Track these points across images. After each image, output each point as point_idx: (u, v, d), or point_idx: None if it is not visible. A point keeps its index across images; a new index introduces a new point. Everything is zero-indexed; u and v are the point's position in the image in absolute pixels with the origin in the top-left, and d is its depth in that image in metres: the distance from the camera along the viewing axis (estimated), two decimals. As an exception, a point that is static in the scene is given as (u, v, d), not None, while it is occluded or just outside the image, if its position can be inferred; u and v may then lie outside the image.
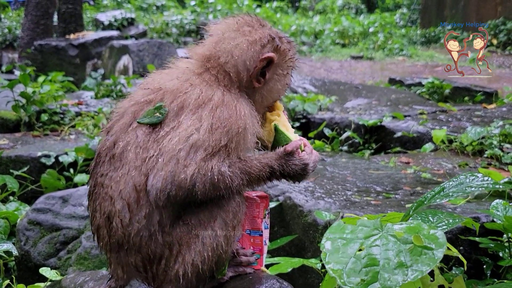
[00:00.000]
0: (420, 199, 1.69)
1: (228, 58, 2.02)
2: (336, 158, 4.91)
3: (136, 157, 1.87)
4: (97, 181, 1.95)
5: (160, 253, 1.90)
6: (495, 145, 4.87)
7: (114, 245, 1.93)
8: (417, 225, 1.39)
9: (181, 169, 1.81)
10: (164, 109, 1.90)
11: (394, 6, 31.85)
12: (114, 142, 1.93)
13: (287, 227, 3.44)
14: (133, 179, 1.85)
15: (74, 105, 6.75)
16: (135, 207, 1.86)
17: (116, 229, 1.89)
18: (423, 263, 1.26)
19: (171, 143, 1.84)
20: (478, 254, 2.78)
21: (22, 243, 3.32)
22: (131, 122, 1.94)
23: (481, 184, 1.65)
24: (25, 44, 13.96)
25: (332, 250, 1.39)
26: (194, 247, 1.91)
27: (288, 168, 1.99)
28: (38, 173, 4.59)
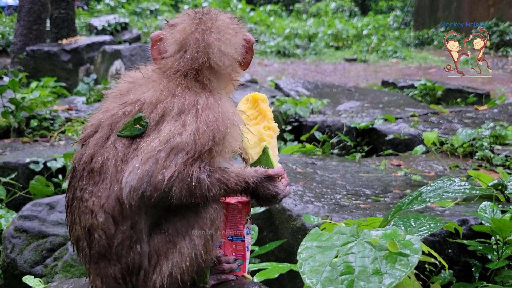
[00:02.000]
0: (398, 204, 1.67)
1: (212, 55, 1.97)
2: (326, 161, 4.89)
3: (116, 170, 1.82)
4: (76, 194, 1.90)
5: (139, 264, 1.87)
6: (485, 146, 4.87)
7: (94, 256, 1.90)
8: (393, 231, 1.37)
9: (160, 170, 1.76)
10: (144, 120, 1.85)
11: (387, 8, 31.90)
12: (91, 157, 1.87)
13: (276, 232, 3.42)
14: (116, 192, 1.81)
15: (64, 111, 6.72)
16: (120, 219, 1.83)
17: (99, 240, 1.85)
18: (398, 269, 1.24)
19: (150, 145, 1.79)
20: (466, 256, 2.77)
21: (8, 251, 3.29)
22: (108, 135, 1.88)
23: (458, 189, 1.63)
24: (17, 49, 13.90)
25: (307, 259, 1.36)
26: (172, 257, 1.87)
27: (260, 190, 1.98)
28: (27, 179, 4.55)
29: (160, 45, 2.05)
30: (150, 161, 1.76)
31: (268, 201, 2.02)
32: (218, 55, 1.99)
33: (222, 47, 1.99)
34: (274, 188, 2.00)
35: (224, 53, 2.00)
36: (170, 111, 1.85)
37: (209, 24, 2.01)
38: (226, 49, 2.00)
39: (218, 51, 1.98)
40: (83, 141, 1.94)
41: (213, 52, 1.98)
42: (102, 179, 1.84)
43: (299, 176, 4.11)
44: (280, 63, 17.84)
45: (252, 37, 2.10)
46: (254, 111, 2.27)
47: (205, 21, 2.02)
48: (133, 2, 26.00)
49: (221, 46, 1.99)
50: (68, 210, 1.97)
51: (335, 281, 1.26)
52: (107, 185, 1.83)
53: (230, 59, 2.02)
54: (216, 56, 1.98)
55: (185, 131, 1.81)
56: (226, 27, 2.04)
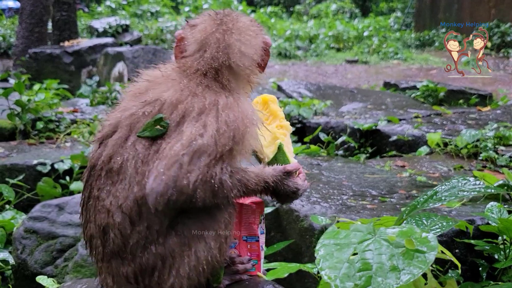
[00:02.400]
0: (413, 203, 1.70)
1: (232, 55, 1.99)
2: (331, 162, 4.92)
3: (136, 171, 1.82)
4: (92, 193, 1.91)
5: (153, 265, 1.87)
6: (490, 147, 4.90)
7: (107, 254, 1.91)
8: (410, 229, 1.40)
9: (184, 174, 1.76)
10: (165, 121, 1.85)
11: (388, 10, 31.96)
12: (110, 157, 1.87)
13: (284, 232, 3.44)
14: (134, 193, 1.82)
15: (69, 113, 6.75)
16: (137, 220, 1.83)
17: (114, 239, 1.86)
18: (415, 266, 1.27)
19: (173, 149, 1.79)
20: (473, 256, 2.80)
21: (19, 252, 3.32)
22: (127, 135, 1.88)
23: (473, 188, 1.66)
24: (19, 52, 13.94)
25: (326, 256, 1.39)
26: (188, 260, 1.88)
27: (281, 187, 1.98)
28: (34, 181, 4.58)
29: (181, 44, 2.06)
30: (175, 166, 1.76)
31: (289, 197, 2.04)
32: (238, 56, 2.00)
33: (242, 48, 2.01)
34: (294, 184, 2.01)
35: (244, 53, 2.02)
36: (190, 112, 1.86)
37: (230, 25, 2.03)
38: (246, 50, 2.03)
39: (238, 51, 2.00)
40: (101, 140, 1.94)
41: (233, 52, 2.00)
42: (120, 179, 1.85)
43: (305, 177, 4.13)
44: (281, 65, 17.88)
45: (270, 40, 2.13)
46: (265, 112, 2.29)
47: (226, 22, 2.04)
48: (134, 4, 26.06)
49: (241, 47, 2.01)
50: (83, 208, 1.98)
51: (353, 277, 1.29)
52: (126, 186, 1.83)
53: (249, 60, 2.04)
54: (236, 56, 2.00)
55: (206, 133, 1.81)
56: (246, 29, 2.06)
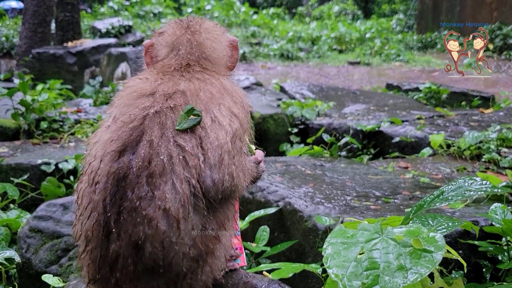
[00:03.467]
0: (420, 202, 1.71)
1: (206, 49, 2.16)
2: (335, 163, 4.93)
3: (186, 166, 1.76)
4: (127, 206, 1.74)
5: (188, 268, 1.81)
6: (492, 149, 4.90)
7: (139, 272, 1.78)
8: (417, 228, 1.41)
9: (231, 159, 1.85)
10: (197, 110, 1.83)
11: (390, 12, 32.00)
12: (149, 161, 1.74)
13: (287, 233, 3.46)
14: (184, 192, 1.74)
15: (73, 113, 6.77)
16: (184, 222, 1.75)
17: (151, 253, 1.74)
18: (423, 265, 1.28)
19: (219, 139, 1.84)
20: (477, 257, 2.80)
21: (23, 251, 3.33)
22: (161, 134, 1.79)
23: (480, 188, 1.67)
24: (22, 52, 13.98)
25: (333, 254, 1.41)
26: (219, 253, 1.90)
27: (256, 174, 2.14)
28: (38, 180, 4.59)
29: (151, 51, 2.22)
30: (226, 154, 1.83)
31: (254, 182, 2.16)
32: (211, 50, 2.18)
33: (213, 44, 2.19)
34: (261, 169, 2.21)
35: (215, 48, 2.20)
36: (211, 98, 1.93)
37: (197, 27, 2.21)
38: (216, 46, 2.20)
39: (210, 46, 2.18)
40: (122, 149, 1.80)
41: (206, 47, 2.17)
42: (165, 180, 1.74)
43: (309, 178, 4.15)
44: (284, 66, 17.90)
45: (235, 38, 2.31)
46: None
47: (192, 25, 2.21)
48: (137, 5, 26.12)
49: (212, 43, 2.19)
50: (104, 229, 1.77)
51: (361, 275, 1.30)
52: (176, 185, 1.74)
53: (221, 53, 2.22)
54: (209, 50, 2.18)
55: (235, 116, 1.93)
56: (212, 30, 2.25)
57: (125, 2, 26.74)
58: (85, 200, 1.83)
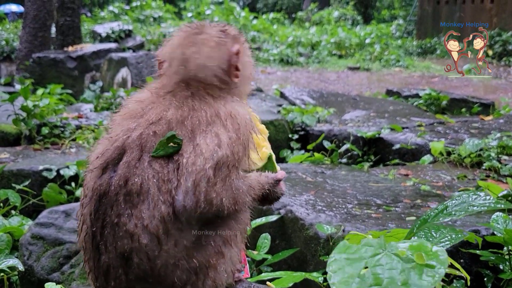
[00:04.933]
0: (424, 217, 1.73)
1: (190, 68, 2.01)
2: (335, 170, 4.94)
3: (159, 190, 1.80)
4: (108, 221, 1.84)
5: (185, 280, 1.86)
6: (493, 157, 4.91)
7: (131, 281, 1.85)
8: (420, 243, 1.42)
9: (211, 187, 1.80)
10: (178, 138, 1.85)
11: (390, 17, 32.08)
12: (126, 180, 1.82)
13: (289, 240, 3.46)
14: (160, 212, 1.80)
15: (74, 118, 6.77)
16: (165, 238, 1.81)
17: (139, 264, 1.81)
18: (426, 281, 1.29)
19: (197, 164, 1.81)
20: (478, 266, 2.81)
21: (25, 258, 3.33)
22: (139, 156, 1.84)
23: (483, 203, 1.69)
24: (23, 56, 14.00)
25: (337, 271, 1.41)
26: (224, 267, 1.92)
27: (272, 194, 2.09)
28: (40, 186, 4.59)
29: (159, 62, 2.15)
30: (203, 180, 1.79)
31: (272, 202, 2.15)
32: (195, 68, 2.01)
33: (198, 60, 2.01)
34: (280, 190, 2.14)
35: (202, 65, 2.01)
36: (198, 126, 1.88)
37: (193, 38, 2.05)
38: (204, 62, 2.01)
39: (194, 64, 2.01)
40: (105, 165, 1.89)
41: (190, 65, 2.01)
42: (142, 200, 1.81)
43: (310, 185, 4.16)
44: (283, 71, 17.93)
45: (237, 48, 2.07)
46: None
47: (191, 35, 2.07)
48: (137, 10, 26.21)
49: (198, 59, 2.01)
50: (93, 241, 1.88)
51: (365, 292, 1.31)
52: (150, 206, 1.80)
53: (210, 71, 2.02)
54: (194, 69, 2.01)
55: (222, 143, 1.85)
56: (208, 41, 2.04)
57: (125, 6, 26.84)
58: (79, 212, 1.96)
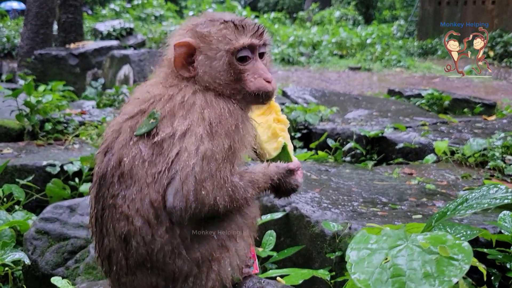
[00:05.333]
0: (443, 210, 1.71)
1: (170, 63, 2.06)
2: (340, 169, 4.93)
3: (146, 173, 1.83)
4: (107, 203, 1.89)
5: (187, 271, 1.87)
6: (497, 156, 4.90)
7: (131, 267, 1.88)
8: (442, 235, 1.41)
9: (201, 185, 1.78)
10: (157, 113, 1.88)
11: (391, 17, 32.07)
12: (119, 160, 1.87)
13: (294, 238, 3.45)
14: (149, 196, 1.82)
15: (77, 115, 6.76)
16: (156, 223, 1.82)
17: (137, 248, 1.84)
18: (450, 273, 1.28)
19: (182, 160, 1.80)
20: (486, 265, 2.79)
21: (30, 253, 3.32)
22: (130, 137, 1.89)
23: (505, 195, 1.67)
24: (24, 53, 13.99)
25: (357, 260, 1.40)
26: (229, 261, 1.92)
27: (284, 184, 2.07)
28: (43, 182, 4.59)
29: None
30: (190, 179, 1.78)
31: (288, 194, 2.12)
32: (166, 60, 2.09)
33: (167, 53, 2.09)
34: (295, 181, 2.10)
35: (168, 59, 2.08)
36: (177, 109, 1.89)
37: (174, 32, 2.14)
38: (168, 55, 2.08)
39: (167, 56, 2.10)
40: (106, 149, 1.95)
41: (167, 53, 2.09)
42: (133, 181, 1.84)
43: (315, 183, 4.15)
44: (285, 71, 17.93)
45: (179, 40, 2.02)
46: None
47: (175, 29, 2.17)
48: (138, 8, 26.18)
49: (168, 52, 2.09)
50: (96, 224, 1.95)
51: (386, 283, 1.30)
52: (139, 188, 1.83)
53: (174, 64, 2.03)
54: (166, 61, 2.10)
55: (203, 136, 1.83)
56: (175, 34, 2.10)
57: (127, 4, 26.80)
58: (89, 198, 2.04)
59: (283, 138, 2.20)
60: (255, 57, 2.03)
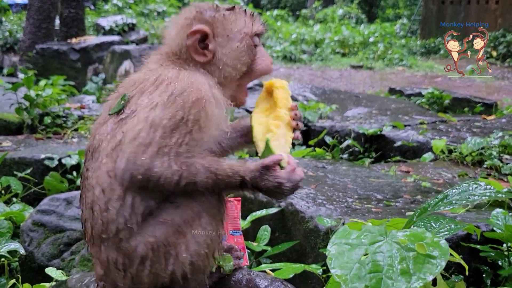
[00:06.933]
0: (424, 206, 1.73)
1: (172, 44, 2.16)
2: (336, 166, 4.95)
3: (107, 145, 1.94)
4: (84, 176, 2.05)
5: (142, 254, 1.93)
6: (494, 155, 4.91)
7: (96, 237, 1.98)
8: (421, 232, 1.42)
9: (142, 148, 1.85)
10: (127, 95, 1.99)
11: (394, 16, 32.02)
12: (93, 137, 2.04)
13: (288, 233, 3.47)
14: (106, 165, 1.92)
15: (76, 109, 6.79)
16: (109, 191, 1.91)
17: (97, 217, 1.94)
18: (426, 271, 1.29)
19: (132, 125, 1.90)
20: (477, 262, 2.82)
21: (26, 244, 3.35)
22: (105, 117, 2.05)
23: (484, 192, 1.69)
24: (26, 47, 14.03)
25: (337, 255, 1.42)
26: (185, 247, 1.94)
27: (261, 183, 1.95)
28: (41, 175, 4.61)
29: None
30: (134, 142, 1.86)
31: (274, 192, 1.97)
32: (166, 44, 2.21)
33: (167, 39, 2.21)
34: (274, 178, 1.94)
35: (168, 43, 2.19)
36: (147, 87, 1.99)
37: (172, 19, 2.30)
38: (169, 41, 2.19)
39: (165, 41, 2.21)
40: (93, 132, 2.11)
41: (164, 41, 2.22)
42: (99, 155, 1.97)
43: (311, 179, 4.17)
44: (286, 68, 17.91)
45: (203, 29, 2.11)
46: (269, 101, 2.31)
47: (173, 16, 2.33)
48: (141, 3, 26.14)
49: (167, 37, 2.21)
50: (80, 198, 2.09)
51: (364, 278, 1.32)
52: (101, 159, 1.95)
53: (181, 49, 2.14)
54: (167, 38, 2.21)
55: (158, 104, 1.91)
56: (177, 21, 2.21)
57: (129, 0, 26.77)
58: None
59: (274, 134, 2.15)
60: (259, 42, 2.22)
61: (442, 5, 21.63)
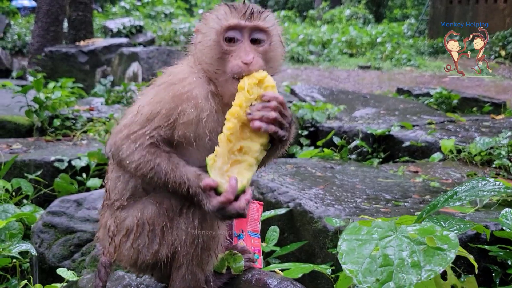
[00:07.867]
0: (433, 202, 1.74)
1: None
2: (345, 166, 4.95)
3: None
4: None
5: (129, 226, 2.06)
6: (503, 155, 4.89)
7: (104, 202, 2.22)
8: (430, 227, 1.44)
9: (119, 130, 2.02)
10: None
11: (402, 16, 31.94)
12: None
13: (297, 233, 3.48)
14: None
15: (85, 111, 6.84)
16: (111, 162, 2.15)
17: (106, 184, 2.21)
18: (436, 263, 1.31)
19: (130, 108, 2.08)
20: (487, 262, 2.81)
21: (37, 245, 3.38)
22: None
23: (493, 188, 1.69)
24: (35, 50, 14.12)
25: (348, 251, 1.43)
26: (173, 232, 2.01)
27: (201, 201, 1.87)
28: (51, 177, 4.66)
29: None
30: (121, 122, 2.04)
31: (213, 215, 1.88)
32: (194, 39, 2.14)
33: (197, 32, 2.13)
34: (208, 203, 1.84)
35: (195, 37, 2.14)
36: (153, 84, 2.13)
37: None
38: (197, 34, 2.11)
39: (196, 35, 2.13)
40: None
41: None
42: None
43: (319, 180, 4.17)
44: (294, 69, 17.90)
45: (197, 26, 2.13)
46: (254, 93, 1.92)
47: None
48: (148, 6, 26.26)
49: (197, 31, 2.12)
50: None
51: (375, 272, 1.33)
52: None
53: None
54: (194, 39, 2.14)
55: (148, 93, 2.04)
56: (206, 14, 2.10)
57: (137, 2, 26.89)
58: None
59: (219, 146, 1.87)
60: (244, 39, 1.97)
61: (450, 5, 21.54)
